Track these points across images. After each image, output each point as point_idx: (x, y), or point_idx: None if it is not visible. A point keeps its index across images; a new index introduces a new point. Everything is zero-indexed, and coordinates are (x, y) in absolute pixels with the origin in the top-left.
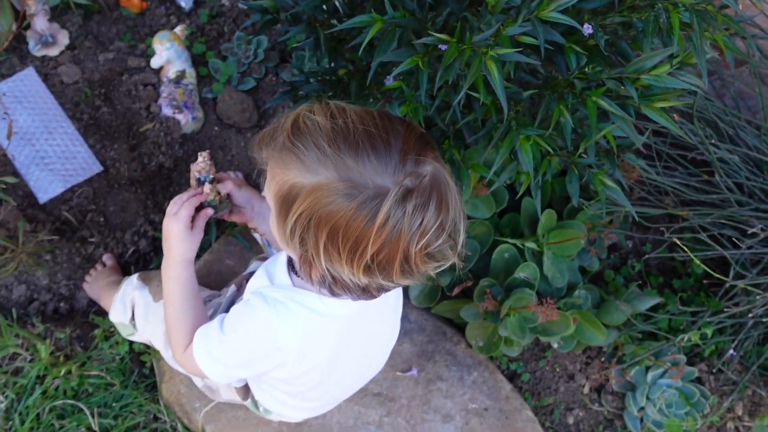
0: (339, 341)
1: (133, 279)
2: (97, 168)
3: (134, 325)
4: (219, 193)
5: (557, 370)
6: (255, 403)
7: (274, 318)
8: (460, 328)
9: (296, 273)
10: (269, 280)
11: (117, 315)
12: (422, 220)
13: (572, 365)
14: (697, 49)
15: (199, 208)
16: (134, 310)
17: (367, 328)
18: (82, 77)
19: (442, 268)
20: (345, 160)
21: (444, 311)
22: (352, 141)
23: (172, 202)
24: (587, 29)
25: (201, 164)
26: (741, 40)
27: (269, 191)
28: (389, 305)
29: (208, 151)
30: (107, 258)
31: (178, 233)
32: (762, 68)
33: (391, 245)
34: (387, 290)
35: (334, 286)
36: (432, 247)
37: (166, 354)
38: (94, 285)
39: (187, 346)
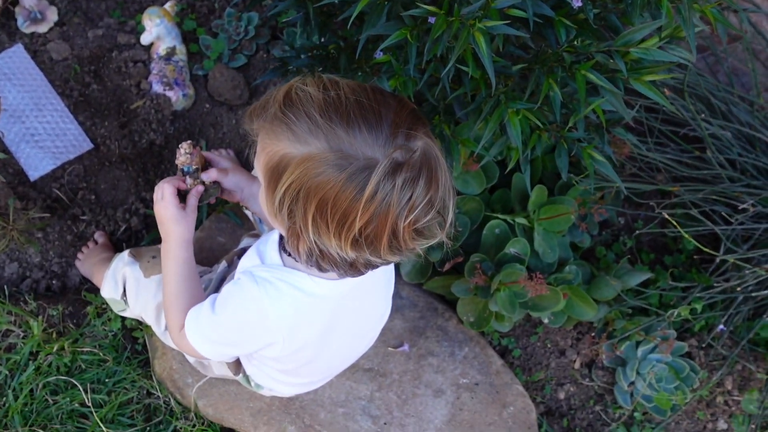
0: (329, 321)
1: (124, 255)
2: (88, 145)
3: (125, 301)
4: (204, 183)
5: (548, 345)
6: (247, 378)
7: (263, 298)
8: (451, 304)
9: (287, 253)
10: (260, 260)
11: (108, 291)
12: (411, 194)
13: (563, 341)
14: (686, 22)
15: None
16: (125, 286)
17: (359, 307)
18: (72, 54)
19: (430, 245)
20: (336, 130)
21: (435, 287)
22: (344, 112)
23: (156, 188)
24: (576, 2)
25: (182, 158)
26: (735, 16)
27: (258, 163)
28: (381, 284)
29: (189, 141)
30: (99, 235)
31: (172, 216)
32: (755, 43)
33: (379, 219)
34: (375, 267)
35: (322, 261)
36: (420, 223)
37: (157, 329)
38: (86, 262)
39: (183, 327)
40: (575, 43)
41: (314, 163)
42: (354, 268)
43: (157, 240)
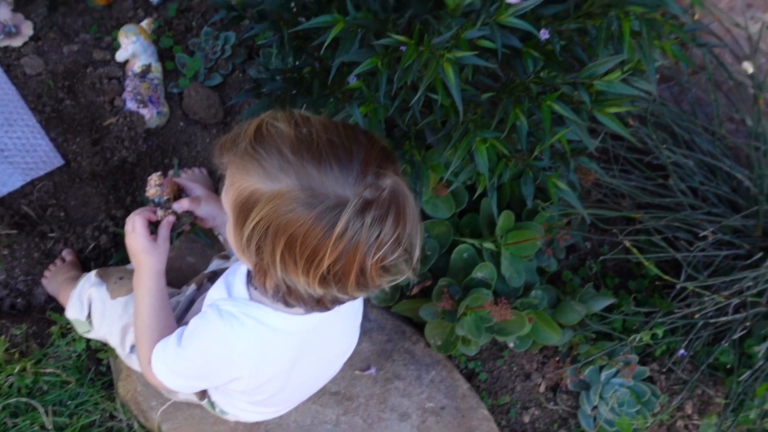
0: (295, 355)
1: (91, 276)
2: (59, 162)
3: (90, 323)
4: (176, 212)
5: (514, 369)
6: (212, 403)
7: (229, 333)
8: (419, 327)
9: (254, 286)
10: (227, 292)
11: (73, 312)
12: (380, 232)
13: (529, 364)
14: (647, 57)
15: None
16: (91, 307)
17: (325, 341)
18: (46, 69)
19: (396, 282)
20: (307, 168)
21: (403, 310)
22: (316, 150)
23: (127, 220)
24: (544, 34)
25: (152, 190)
26: (700, 48)
27: (227, 198)
28: (348, 317)
29: (158, 173)
30: (67, 253)
31: (143, 248)
32: (717, 75)
33: (348, 256)
34: (341, 303)
35: (288, 297)
36: (388, 260)
37: (122, 352)
38: (52, 280)
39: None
40: (541, 74)
41: (284, 200)
42: (321, 304)
43: (125, 260)
